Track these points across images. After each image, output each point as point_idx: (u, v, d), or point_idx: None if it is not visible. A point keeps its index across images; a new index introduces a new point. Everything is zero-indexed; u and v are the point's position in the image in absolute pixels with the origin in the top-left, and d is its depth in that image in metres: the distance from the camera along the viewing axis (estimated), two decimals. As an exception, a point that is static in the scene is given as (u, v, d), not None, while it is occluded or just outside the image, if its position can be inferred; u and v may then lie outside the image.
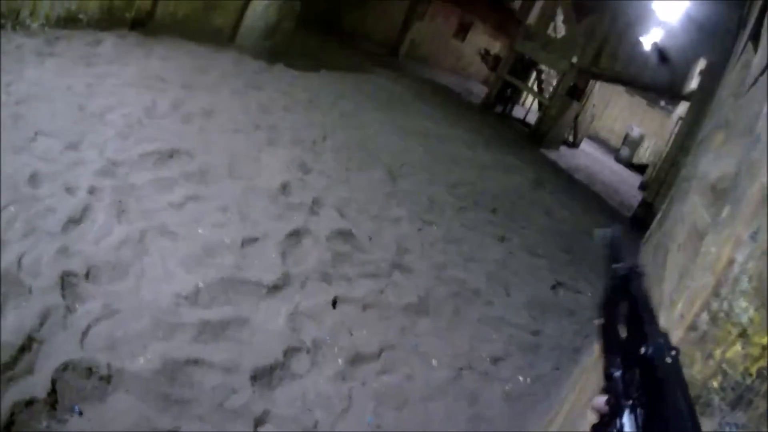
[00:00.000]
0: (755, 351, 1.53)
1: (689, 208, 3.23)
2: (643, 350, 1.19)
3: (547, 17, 21.49)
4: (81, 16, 7.43)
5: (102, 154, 4.68)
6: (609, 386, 1.25)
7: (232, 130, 6.53)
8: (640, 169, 32.36)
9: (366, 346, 3.97)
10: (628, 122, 36.65)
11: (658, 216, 8.41)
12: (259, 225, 4.77)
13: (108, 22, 7.80)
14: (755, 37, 4.15)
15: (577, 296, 7.22)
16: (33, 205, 3.67)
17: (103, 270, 3.40)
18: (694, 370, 1.69)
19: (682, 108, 22.89)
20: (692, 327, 1.80)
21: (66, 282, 3.16)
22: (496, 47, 28.07)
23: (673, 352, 1.15)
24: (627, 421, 1.15)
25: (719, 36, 14.62)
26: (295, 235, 4.88)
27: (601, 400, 1.22)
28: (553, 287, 7.13)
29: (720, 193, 2.54)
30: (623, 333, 1.32)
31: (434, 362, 4.25)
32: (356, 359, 3.80)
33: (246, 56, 9.98)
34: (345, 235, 5.35)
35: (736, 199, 1.88)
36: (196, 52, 8.88)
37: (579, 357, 5.29)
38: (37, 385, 2.58)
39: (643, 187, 24.95)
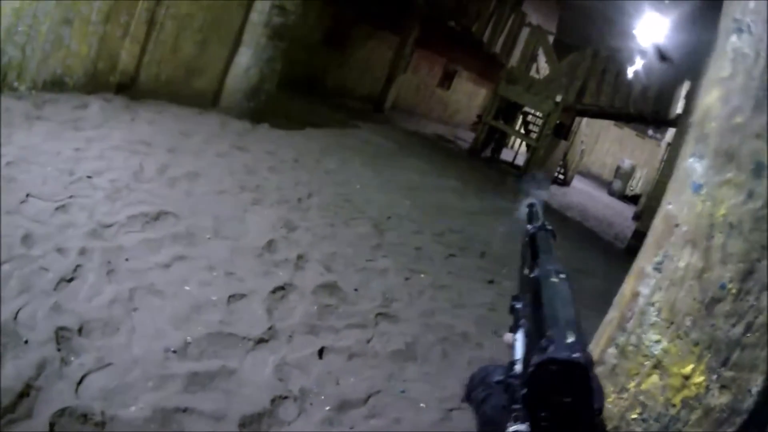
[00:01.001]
0: (676, 381, 1.68)
1: None
2: (532, 274, 1.38)
3: (529, 59, 21.75)
4: (67, 79, 7.66)
5: (91, 216, 4.87)
6: (513, 317, 1.43)
7: (217, 192, 6.70)
8: (633, 200, 32.70)
9: (353, 393, 4.08)
10: (618, 155, 37.10)
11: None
12: (245, 282, 4.91)
13: (93, 85, 8.03)
14: None
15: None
16: (27, 264, 3.85)
17: (95, 326, 3.57)
18: (609, 403, 1.84)
19: (670, 135, 23.12)
20: (600, 361, 1.96)
21: (60, 336, 3.34)
22: (482, 93, 28.42)
23: (562, 275, 1.32)
24: (519, 335, 1.31)
25: (703, 59, 14.85)
26: (281, 290, 5.01)
27: (509, 334, 1.42)
28: None
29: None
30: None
31: (422, 405, 4.35)
32: (343, 406, 3.91)
33: (230, 118, 10.17)
34: (331, 288, 5.46)
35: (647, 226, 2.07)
36: (181, 116, 9.08)
37: None
38: (36, 428, 2.76)
39: (636, 217, 25.21)
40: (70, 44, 7.56)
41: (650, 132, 36.34)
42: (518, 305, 1.44)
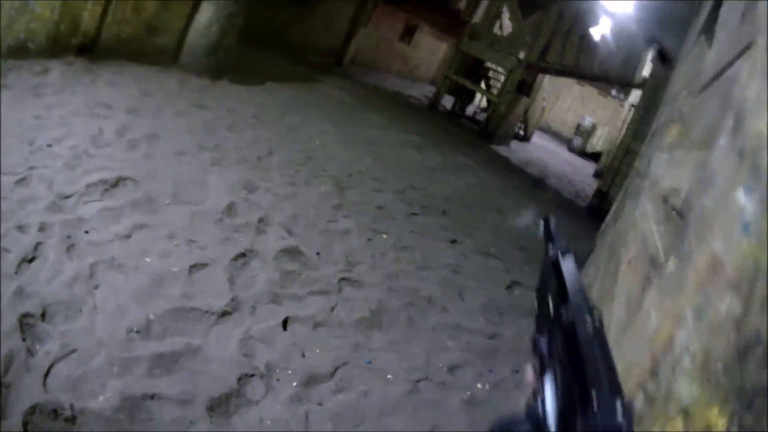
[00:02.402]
0: (699, 426, 1.55)
1: (641, 214, 3.29)
2: (564, 316, 1.24)
3: (493, 16, 21.70)
4: (30, 45, 7.51)
5: (51, 188, 4.76)
6: (536, 358, 1.31)
7: (176, 154, 6.60)
8: (593, 157, 32.83)
9: (319, 366, 4.06)
10: (579, 112, 37.12)
11: (613, 208, 8.59)
12: (206, 250, 4.84)
13: (55, 49, 7.89)
14: (708, 31, 4.28)
15: (533, 294, 7.34)
16: None
17: (57, 309, 3.49)
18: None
19: (635, 96, 23.21)
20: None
21: (25, 324, 3.26)
22: (443, 48, 28.32)
23: (596, 316, 1.20)
24: (547, 381, 1.21)
25: (671, 23, 14.87)
26: (242, 257, 4.96)
27: (530, 372, 1.30)
28: (509, 287, 7.26)
29: (670, 212, 2.61)
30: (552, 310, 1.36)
31: (390, 377, 4.33)
32: (310, 380, 3.88)
33: (190, 75, 10.06)
34: (293, 252, 5.42)
35: (684, 256, 1.87)
36: (141, 75, 8.95)
37: None
38: (10, 428, 2.70)
39: (597, 174, 25.39)
40: (35, 7, 7.43)
41: (613, 92, 36.43)
42: (542, 343, 1.30)
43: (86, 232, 4.39)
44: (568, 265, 1.40)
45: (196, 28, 10.25)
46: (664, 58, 17.65)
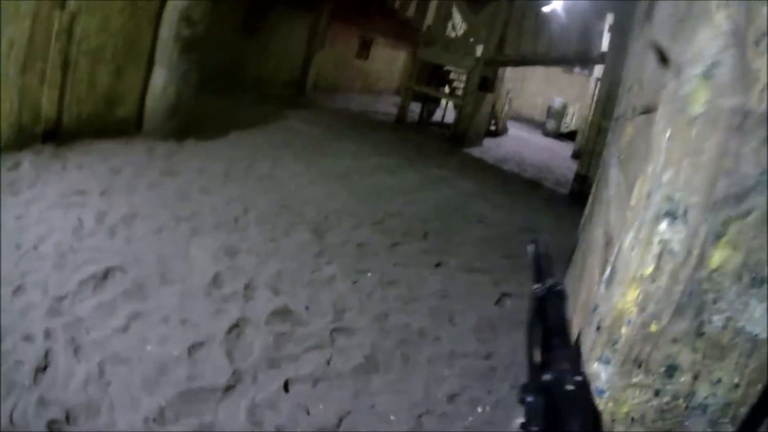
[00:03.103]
0: None
1: (600, 230, 3.45)
2: (545, 377, 1.29)
3: (444, 18, 21.97)
4: (-3, 141, 7.81)
5: (46, 292, 5.07)
6: (524, 413, 1.28)
7: (155, 231, 6.89)
8: (569, 136, 33.08)
9: (325, 419, 4.42)
10: (548, 94, 37.31)
11: (590, 199, 8.82)
12: (200, 327, 5.17)
13: (22, 140, 8.17)
14: (649, 17, 4.48)
15: (524, 303, 7.57)
16: (3, 361, 4.09)
17: (79, 411, 3.85)
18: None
19: (599, 70, 23.46)
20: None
21: (53, 430, 3.64)
22: (401, 57, 28.62)
23: (578, 379, 1.25)
24: None
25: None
26: (236, 327, 5.29)
27: (517, 425, 1.29)
28: (498, 301, 7.55)
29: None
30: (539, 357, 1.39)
31: (392, 417, 4.69)
32: (319, 435, 4.24)
33: (156, 141, 10.30)
34: (282, 313, 5.75)
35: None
36: (108, 151, 9.19)
37: None
38: None
39: (575, 155, 25.51)
40: (-5, 103, 7.71)
41: (577, 69, 36.79)
42: (530, 399, 1.29)
43: (87, 331, 4.73)
44: (555, 306, 1.48)
45: (153, 93, 10.51)
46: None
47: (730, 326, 1.55)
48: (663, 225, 1.63)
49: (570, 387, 1.23)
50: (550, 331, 1.42)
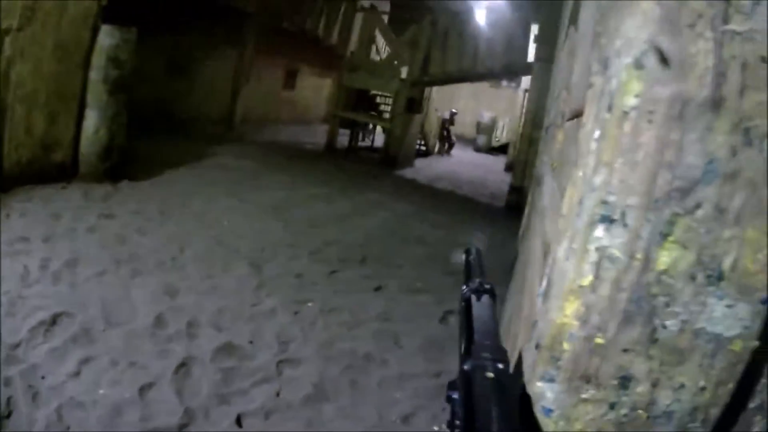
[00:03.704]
0: None
1: (538, 240, 3.43)
2: (464, 364, 1.27)
3: (367, 42, 22.17)
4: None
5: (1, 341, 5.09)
6: (450, 410, 1.31)
7: (97, 275, 6.90)
8: (501, 149, 33.41)
9: (280, 452, 4.47)
10: (476, 110, 37.65)
11: (526, 210, 8.90)
12: (149, 368, 5.19)
13: (-35, 190, 8.11)
14: (575, 21, 4.50)
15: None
16: None
17: (45, 458, 3.89)
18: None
19: (527, 82, 23.71)
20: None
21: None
22: (327, 84, 28.76)
23: (500, 366, 1.25)
24: None
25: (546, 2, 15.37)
26: (183, 366, 5.32)
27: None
28: (442, 319, 7.64)
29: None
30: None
31: None
32: (275, 470, 4.30)
33: (92, 184, 10.32)
34: (227, 349, 5.79)
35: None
36: (48, 196, 9.22)
37: None
38: None
39: (509, 168, 25.86)
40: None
41: (504, 82, 37.31)
42: (455, 395, 1.30)
43: (43, 377, 4.76)
44: (480, 304, 1.54)
45: (87, 135, 10.52)
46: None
47: (687, 329, 1.49)
48: (599, 231, 1.52)
49: (490, 374, 1.22)
50: (477, 327, 1.44)
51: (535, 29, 18.99)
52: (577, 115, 2.12)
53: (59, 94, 9.89)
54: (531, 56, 19.10)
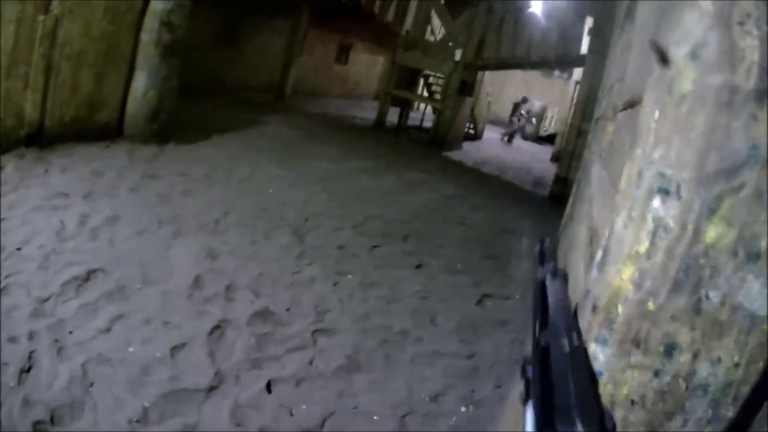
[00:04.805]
0: None
1: (583, 226, 3.39)
2: (541, 341, 1.31)
3: (422, 22, 22.06)
4: (-19, 144, 7.81)
5: (30, 294, 5.08)
6: (524, 386, 1.32)
7: (137, 233, 6.90)
8: (549, 139, 33.17)
9: (309, 420, 4.42)
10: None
11: (571, 199, 8.86)
12: (182, 329, 5.16)
13: (6, 144, 8.24)
14: (630, 17, 4.45)
15: (505, 303, 7.70)
16: None
17: (63, 412, 3.87)
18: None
19: (578, 73, 23.51)
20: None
21: (38, 429, 3.67)
22: (380, 61, 28.65)
23: (575, 340, 1.29)
24: (528, 410, 1.22)
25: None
26: (217, 329, 5.28)
27: (518, 398, 1.35)
28: (479, 302, 7.58)
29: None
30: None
31: (376, 417, 4.69)
32: (302, 436, 4.26)
33: (137, 145, 10.36)
34: (263, 314, 5.75)
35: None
36: (90, 155, 9.24)
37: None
38: None
39: (555, 158, 25.62)
40: (-22, 108, 7.73)
41: (556, 73, 37.02)
42: (529, 372, 1.34)
43: (70, 332, 4.73)
44: (554, 287, 1.59)
45: (135, 97, 10.54)
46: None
47: (727, 303, 1.51)
48: (656, 201, 1.58)
49: (566, 350, 1.26)
50: (551, 306, 1.48)
51: (589, 22, 18.82)
52: (632, 104, 2.16)
53: (108, 55, 9.90)
54: (584, 48, 18.92)
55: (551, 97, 37.26)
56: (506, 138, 30.67)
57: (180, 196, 8.54)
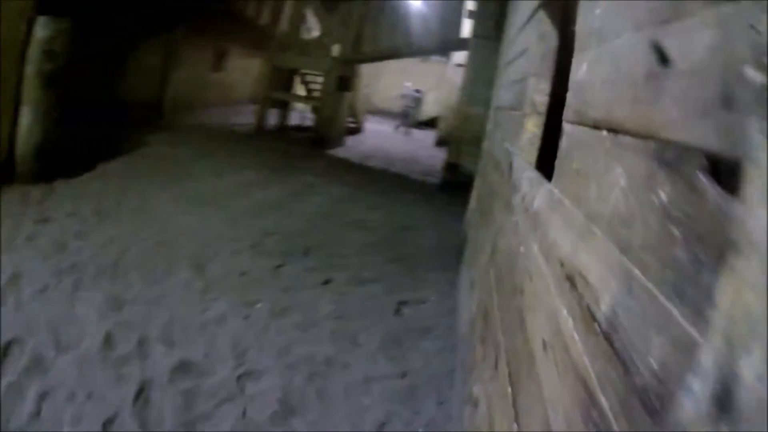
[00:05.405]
0: None
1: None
2: None
3: (298, 21, 21.95)
4: None
5: None
6: None
7: (40, 291, 6.47)
8: (430, 123, 33.50)
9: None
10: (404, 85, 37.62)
11: (474, 192, 8.72)
12: (108, 399, 4.83)
13: None
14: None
15: (423, 308, 7.63)
16: None
17: None
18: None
19: (459, 55, 23.73)
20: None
21: None
22: (257, 64, 28.42)
23: None
24: None
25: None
26: (141, 393, 4.97)
27: None
28: (397, 311, 7.45)
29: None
30: None
31: None
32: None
33: (29, 186, 9.93)
34: (183, 367, 5.44)
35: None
36: (-14, 204, 8.73)
37: (454, 378, 5.65)
38: None
39: (440, 143, 25.86)
40: None
41: (434, 57, 37.27)
42: None
43: (7, 420, 4.40)
44: None
45: (22, 134, 10.09)
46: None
47: None
48: None
49: None
50: None
51: (468, 5, 18.99)
52: (604, 126, 2.00)
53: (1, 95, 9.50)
54: (465, 32, 19.07)
55: (429, 81, 37.58)
56: (401, 128, 31.12)
57: (75, 239, 8.13)
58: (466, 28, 19.09)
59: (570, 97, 2.75)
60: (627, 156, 1.71)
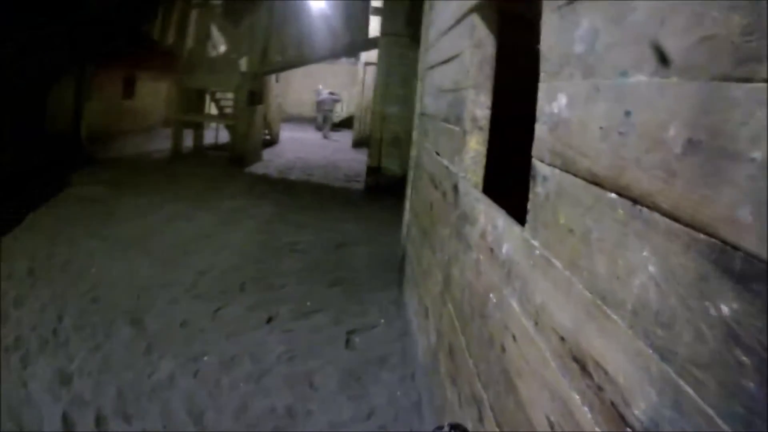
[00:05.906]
0: None
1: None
2: None
3: (203, 39, 21.78)
4: None
5: None
6: None
7: None
8: (344, 124, 33.61)
9: None
10: (312, 88, 37.76)
11: (407, 204, 8.66)
12: None
13: None
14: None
15: (373, 334, 7.55)
16: None
17: None
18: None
19: (368, 54, 23.75)
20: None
21: None
22: (166, 87, 28.12)
23: None
24: None
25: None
26: None
27: None
28: (348, 342, 7.34)
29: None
30: None
31: None
32: None
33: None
34: None
35: None
36: None
37: (423, 412, 5.57)
38: None
39: (357, 143, 25.89)
40: None
41: (342, 59, 37.32)
42: None
43: None
44: None
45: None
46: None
47: None
48: None
49: None
50: None
51: (373, 3, 19.05)
52: (611, 188, 1.81)
53: None
54: (372, 31, 19.25)
55: (340, 82, 37.64)
56: (324, 132, 31.33)
57: (13, 308, 7.77)
58: (374, 26, 19.26)
59: (542, 132, 2.55)
60: (658, 240, 1.48)
